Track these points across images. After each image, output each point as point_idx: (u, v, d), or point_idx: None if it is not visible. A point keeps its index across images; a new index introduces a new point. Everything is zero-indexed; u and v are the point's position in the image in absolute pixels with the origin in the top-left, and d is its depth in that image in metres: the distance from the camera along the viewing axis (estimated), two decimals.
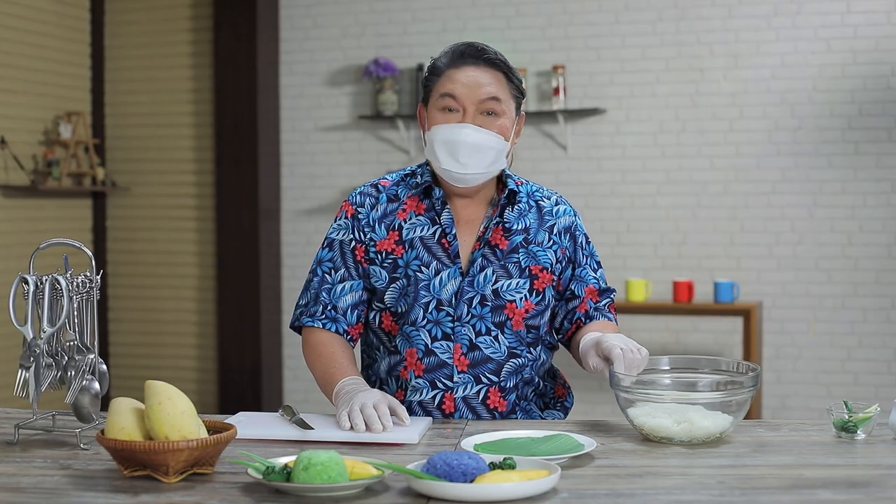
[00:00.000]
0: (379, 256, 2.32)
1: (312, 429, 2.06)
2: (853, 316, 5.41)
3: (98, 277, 2.09)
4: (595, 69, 5.74)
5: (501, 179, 2.39)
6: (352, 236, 2.34)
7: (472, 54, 2.28)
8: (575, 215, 2.43)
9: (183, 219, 6.36)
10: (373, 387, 2.38)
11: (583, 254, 2.42)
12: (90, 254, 2.07)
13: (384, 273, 2.32)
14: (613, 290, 2.48)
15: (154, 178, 6.40)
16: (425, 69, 2.38)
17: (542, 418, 2.38)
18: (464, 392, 2.28)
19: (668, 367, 2.16)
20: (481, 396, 2.29)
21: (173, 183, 6.37)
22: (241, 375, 6.05)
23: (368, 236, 2.34)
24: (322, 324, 2.33)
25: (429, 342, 2.28)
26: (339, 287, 2.33)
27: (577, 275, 2.40)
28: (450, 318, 2.28)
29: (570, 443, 1.89)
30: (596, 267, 2.44)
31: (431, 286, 2.29)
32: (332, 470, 1.62)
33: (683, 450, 1.93)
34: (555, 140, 5.80)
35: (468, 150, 2.24)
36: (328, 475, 1.62)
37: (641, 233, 5.70)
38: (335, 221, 2.39)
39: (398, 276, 2.31)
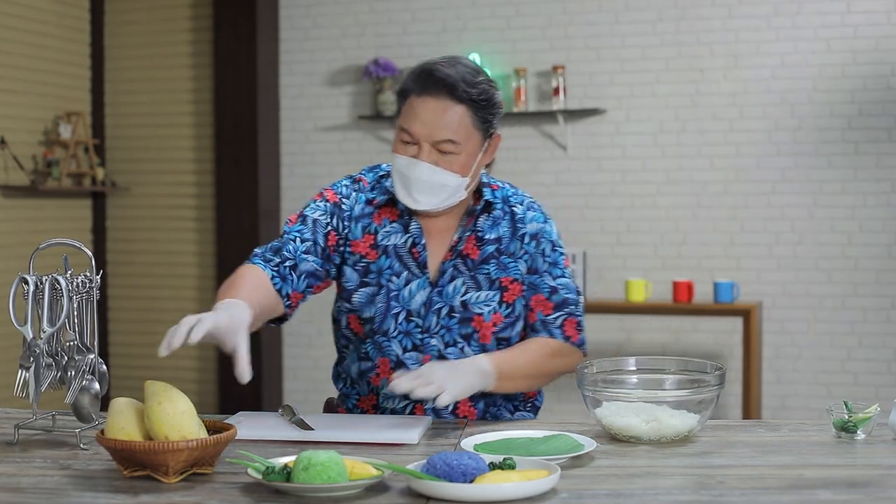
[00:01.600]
0: (352, 258, 2.30)
1: (312, 429, 2.06)
2: (853, 316, 5.41)
3: (98, 277, 2.09)
4: (595, 69, 5.74)
5: (477, 188, 2.33)
6: (329, 221, 2.29)
7: (435, 83, 2.17)
8: (545, 221, 2.36)
9: (183, 219, 6.36)
10: (345, 386, 2.38)
11: (544, 260, 2.32)
12: (90, 254, 2.07)
13: (355, 276, 2.30)
14: (574, 304, 2.33)
15: (154, 178, 6.40)
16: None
17: (512, 420, 2.35)
18: (434, 402, 2.25)
19: (634, 368, 2.17)
20: (451, 407, 2.28)
21: (173, 183, 6.37)
22: None
23: (345, 233, 2.30)
24: (271, 273, 2.23)
25: (400, 353, 2.28)
26: (304, 256, 2.26)
27: (533, 282, 2.32)
28: (419, 330, 2.27)
29: (569, 443, 1.89)
30: (559, 275, 2.33)
31: (401, 296, 2.27)
32: (331, 470, 1.62)
33: (683, 450, 1.93)
34: (555, 140, 5.80)
35: (420, 188, 2.20)
36: (328, 475, 1.62)
37: (641, 233, 5.70)
38: (313, 202, 2.32)
39: (369, 281, 2.28)
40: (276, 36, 6.18)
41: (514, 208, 2.34)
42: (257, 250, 2.31)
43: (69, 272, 2.05)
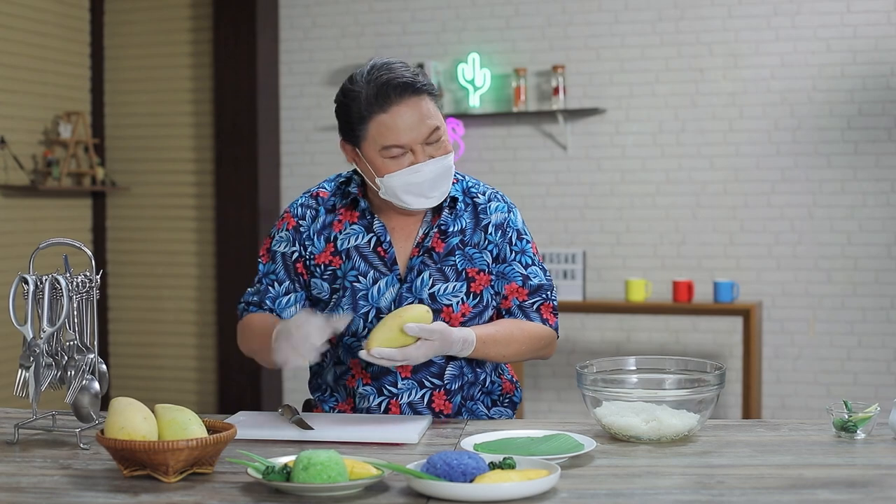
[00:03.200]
0: (318, 269, 2.33)
1: (312, 429, 2.06)
2: (853, 316, 5.41)
3: (98, 277, 2.09)
4: (595, 69, 5.74)
5: None
6: (294, 249, 2.35)
7: (395, 91, 2.21)
8: (509, 211, 2.39)
9: (183, 219, 6.36)
10: (322, 395, 2.40)
11: (511, 249, 2.36)
12: (90, 254, 2.07)
13: (325, 285, 2.32)
14: (549, 289, 2.38)
15: (154, 178, 6.41)
16: (340, 104, 2.29)
17: (490, 417, 2.37)
18: (409, 398, 2.29)
19: (634, 367, 2.17)
20: (426, 400, 2.29)
21: (173, 183, 6.37)
22: (241, 375, 6.05)
23: (309, 250, 2.34)
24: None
25: None
26: (284, 299, 2.34)
27: (502, 271, 2.35)
28: None
29: (569, 443, 1.90)
30: (528, 263, 2.36)
31: (370, 295, 2.28)
32: (331, 470, 1.63)
33: (683, 450, 1.93)
34: (554, 140, 5.80)
35: (433, 184, 2.24)
36: (328, 475, 1.62)
37: (641, 233, 5.70)
38: (277, 232, 2.38)
39: (338, 287, 2.31)
40: (276, 36, 6.18)
41: (476, 199, 2.38)
42: (243, 303, 2.41)
43: (69, 272, 2.05)
